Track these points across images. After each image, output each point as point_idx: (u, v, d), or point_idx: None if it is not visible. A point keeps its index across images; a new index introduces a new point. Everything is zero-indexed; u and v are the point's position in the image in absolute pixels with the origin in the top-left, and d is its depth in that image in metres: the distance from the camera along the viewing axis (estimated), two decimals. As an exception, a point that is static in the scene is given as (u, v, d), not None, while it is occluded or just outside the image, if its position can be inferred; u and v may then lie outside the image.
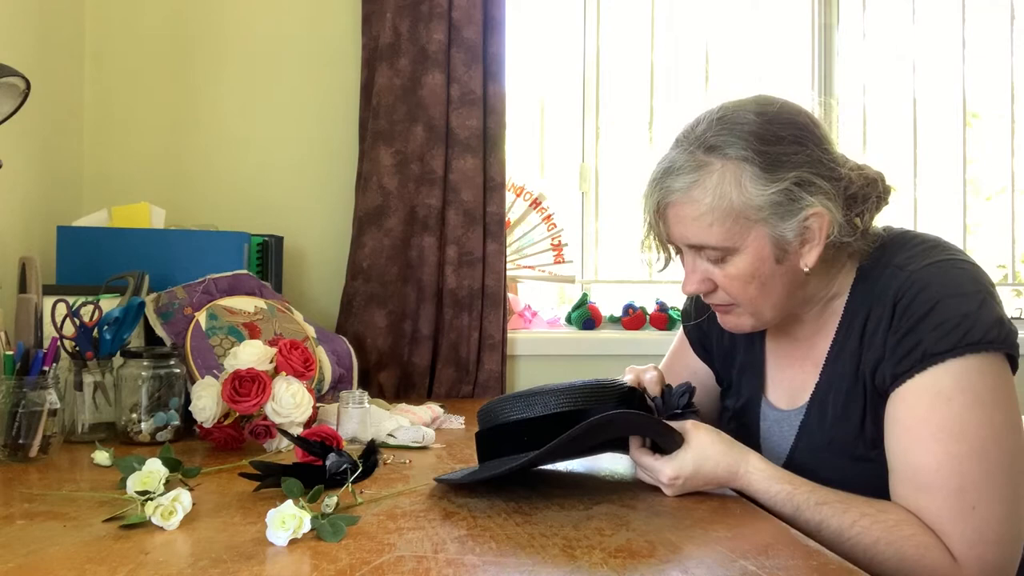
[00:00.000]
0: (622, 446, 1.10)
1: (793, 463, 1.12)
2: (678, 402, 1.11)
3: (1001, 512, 0.96)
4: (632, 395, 1.08)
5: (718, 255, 1.06)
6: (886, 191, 1.09)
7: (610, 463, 1.20)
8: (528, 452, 1.01)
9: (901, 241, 1.10)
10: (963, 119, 2.43)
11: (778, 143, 1.03)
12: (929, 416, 0.97)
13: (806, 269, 1.06)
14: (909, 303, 1.00)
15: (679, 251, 1.12)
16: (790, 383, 1.18)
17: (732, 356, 1.27)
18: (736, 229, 1.03)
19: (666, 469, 1.02)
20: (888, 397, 1.02)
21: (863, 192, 1.06)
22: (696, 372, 1.32)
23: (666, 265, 1.15)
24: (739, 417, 1.24)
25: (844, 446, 1.07)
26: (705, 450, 1.03)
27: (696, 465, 1.02)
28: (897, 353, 1.00)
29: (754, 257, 1.04)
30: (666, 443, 1.04)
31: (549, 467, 1.16)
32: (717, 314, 1.15)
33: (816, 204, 1.02)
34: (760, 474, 1.03)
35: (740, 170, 1.02)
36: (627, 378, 1.16)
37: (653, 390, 1.14)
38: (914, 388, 0.99)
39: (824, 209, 1.02)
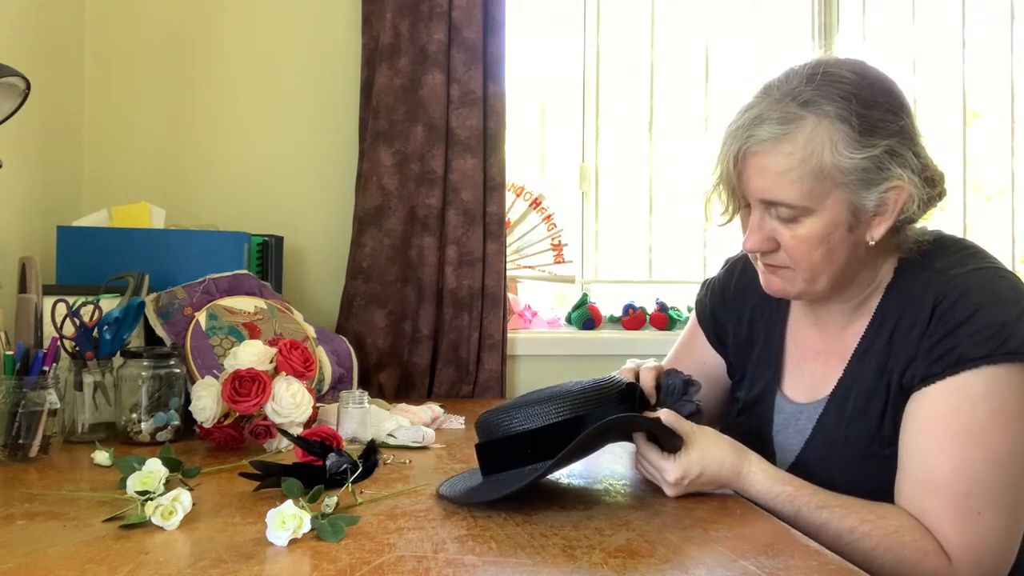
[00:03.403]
0: (627, 437, 1.10)
1: (805, 458, 1.12)
2: (677, 383, 1.11)
3: (1004, 521, 0.96)
4: (631, 391, 1.08)
5: (792, 214, 1.03)
6: (944, 191, 1.08)
7: (610, 463, 1.20)
8: (531, 463, 1.00)
9: (940, 244, 1.09)
10: (963, 119, 2.43)
11: (876, 108, 1.01)
12: (951, 418, 0.97)
13: (871, 242, 1.04)
14: (949, 308, 1.00)
15: (746, 205, 1.08)
16: (811, 376, 1.16)
17: (749, 348, 1.26)
18: (818, 189, 1.00)
19: (673, 469, 1.01)
20: (912, 396, 1.02)
21: (935, 178, 1.05)
22: (707, 364, 1.31)
23: (730, 219, 1.11)
24: (751, 409, 1.23)
25: (859, 443, 1.07)
26: (710, 452, 1.03)
27: (702, 466, 1.02)
28: (931, 356, 1.00)
29: (828, 222, 1.02)
30: (667, 442, 1.04)
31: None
32: (762, 275, 1.11)
33: (902, 177, 1.00)
34: (762, 475, 1.03)
35: (835, 129, 0.99)
36: (626, 372, 1.16)
37: (646, 377, 1.13)
38: (942, 389, 0.98)
39: (907, 182, 1.00)
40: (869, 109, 1.00)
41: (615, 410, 1.03)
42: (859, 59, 1.07)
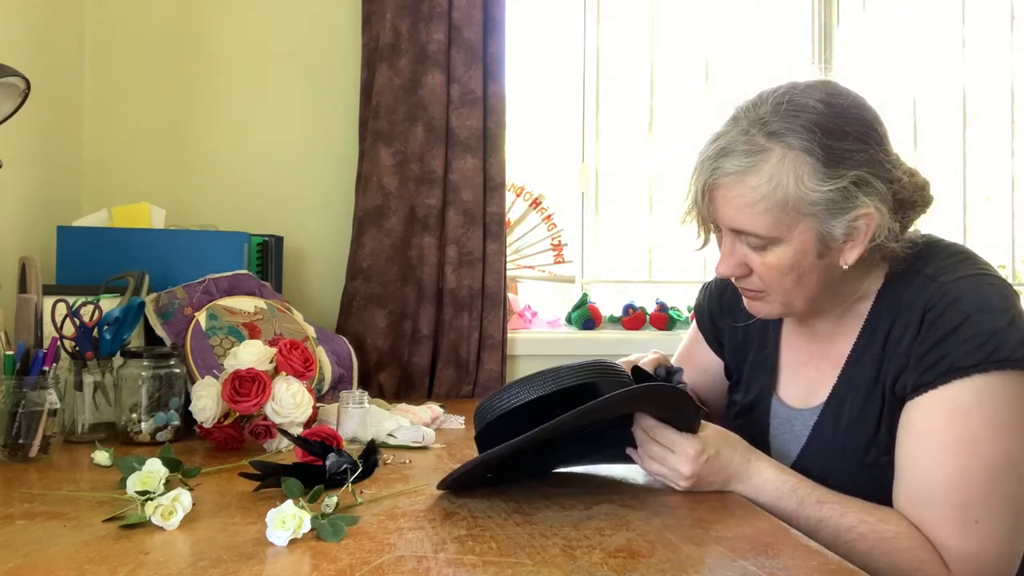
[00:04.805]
0: (624, 457, 1.10)
1: (801, 464, 1.12)
2: (660, 373, 1.12)
3: (1003, 529, 0.96)
4: (635, 376, 1.07)
5: (760, 243, 1.03)
6: (929, 199, 1.07)
7: (611, 463, 1.20)
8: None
9: (932, 250, 1.08)
10: (963, 119, 2.43)
11: (843, 138, 1.00)
12: (946, 428, 0.97)
13: (845, 267, 1.04)
14: (939, 315, 0.99)
15: (719, 231, 1.09)
16: (805, 382, 1.17)
17: (745, 351, 1.26)
18: (785, 220, 1.00)
19: (692, 443, 1.01)
20: (905, 405, 1.02)
21: (912, 198, 1.05)
22: (708, 369, 1.32)
23: (704, 244, 1.12)
24: (747, 413, 1.23)
25: (856, 451, 1.07)
26: (727, 435, 1.05)
27: (718, 446, 1.02)
28: (922, 364, 0.99)
29: (797, 250, 1.02)
30: (692, 421, 1.03)
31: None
32: (745, 299, 1.13)
33: (869, 205, 0.99)
34: (767, 463, 1.05)
35: (800, 162, 0.99)
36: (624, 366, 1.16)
37: (648, 368, 1.14)
38: (935, 399, 0.98)
39: (875, 211, 1.00)
40: (836, 140, 0.99)
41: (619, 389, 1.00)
42: (831, 83, 1.06)
